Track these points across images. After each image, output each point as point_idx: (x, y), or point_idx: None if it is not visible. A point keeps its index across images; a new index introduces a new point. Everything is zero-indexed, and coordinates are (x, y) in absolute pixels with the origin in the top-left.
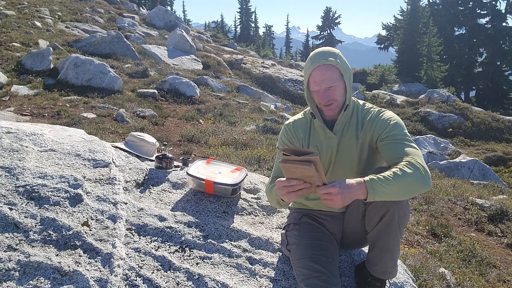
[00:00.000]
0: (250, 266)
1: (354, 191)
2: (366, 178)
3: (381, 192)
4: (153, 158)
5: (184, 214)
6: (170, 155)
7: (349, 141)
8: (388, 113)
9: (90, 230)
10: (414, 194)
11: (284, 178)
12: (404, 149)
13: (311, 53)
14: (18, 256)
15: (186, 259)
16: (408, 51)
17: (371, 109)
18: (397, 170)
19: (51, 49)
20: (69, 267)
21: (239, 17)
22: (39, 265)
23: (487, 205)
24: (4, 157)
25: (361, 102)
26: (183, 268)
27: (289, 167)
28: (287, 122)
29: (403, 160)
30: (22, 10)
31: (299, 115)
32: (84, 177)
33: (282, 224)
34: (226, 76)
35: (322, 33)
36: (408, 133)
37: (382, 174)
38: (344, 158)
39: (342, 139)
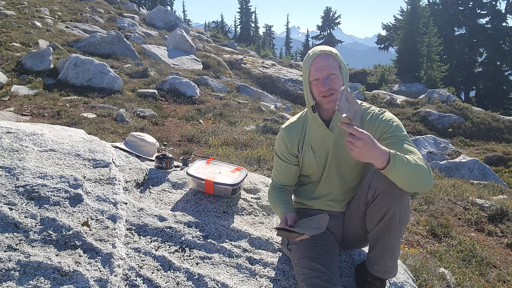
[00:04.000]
0: (250, 266)
1: (377, 151)
2: (391, 150)
3: (399, 168)
4: (153, 158)
5: (184, 214)
6: (170, 155)
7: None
8: (390, 114)
9: (90, 230)
10: (418, 186)
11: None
12: (407, 147)
13: (310, 50)
14: (18, 256)
15: (186, 259)
16: (408, 51)
17: (371, 109)
18: (413, 157)
19: (51, 49)
20: (69, 267)
21: (239, 17)
22: (39, 265)
23: (487, 205)
24: (4, 157)
25: (358, 101)
26: (183, 268)
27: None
28: (283, 125)
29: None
30: (22, 10)
31: (294, 118)
32: (84, 177)
33: None
34: (226, 76)
35: (322, 33)
36: (408, 135)
37: (401, 154)
38: (342, 156)
39: (340, 137)
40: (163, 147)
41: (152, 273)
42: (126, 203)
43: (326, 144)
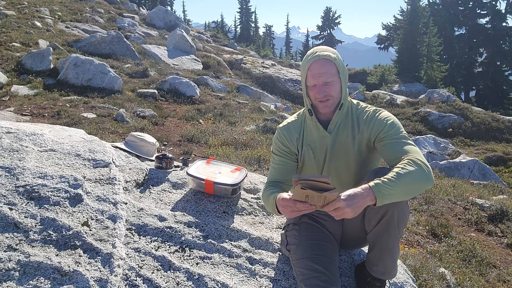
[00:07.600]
0: (250, 266)
1: (362, 199)
2: (371, 184)
3: (389, 195)
4: (153, 158)
5: (184, 214)
6: (170, 155)
7: (345, 140)
8: (384, 113)
9: (90, 230)
10: (419, 191)
11: (287, 197)
12: (403, 147)
13: (309, 51)
14: (18, 256)
15: (186, 259)
16: (408, 51)
17: (366, 109)
18: (399, 170)
19: (51, 49)
20: (69, 267)
21: (239, 17)
22: (39, 265)
23: (487, 205)
24: (4, 157)
25: (355, 101)
26: (183, 268)
27: (307, 193)
28: (280, 125)
29: (404, 159)
30: (22, 10)
31: (292, 118)
32: (84, 177)
33: (282, 224)
34: (226, 76)
35: (322, 33)
36: (405, 132)
37: (385, 176)
38: (340, 157)
39: (337, 138)
40: (163, 147)
41: (152, 273)
42: (126, 203)
43: (324, 145)
